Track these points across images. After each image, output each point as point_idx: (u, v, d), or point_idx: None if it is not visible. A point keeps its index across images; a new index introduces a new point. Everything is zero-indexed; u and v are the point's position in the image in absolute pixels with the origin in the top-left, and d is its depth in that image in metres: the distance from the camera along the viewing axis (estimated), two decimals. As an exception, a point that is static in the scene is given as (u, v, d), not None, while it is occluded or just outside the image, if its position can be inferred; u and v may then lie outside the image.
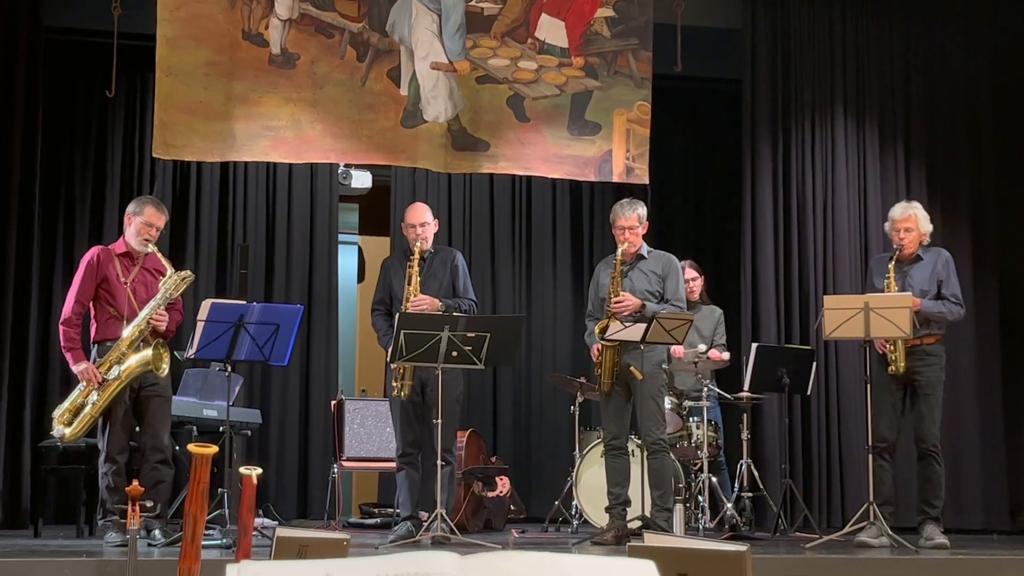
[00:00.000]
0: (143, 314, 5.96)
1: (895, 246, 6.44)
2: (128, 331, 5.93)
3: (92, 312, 6.07)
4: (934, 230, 6.68)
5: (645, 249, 6.40)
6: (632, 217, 6.30)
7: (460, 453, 7.02)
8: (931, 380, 6.33)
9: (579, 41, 8.01)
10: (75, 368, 5.95)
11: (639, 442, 6.38)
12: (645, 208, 6.41)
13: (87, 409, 5.90)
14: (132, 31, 7.62)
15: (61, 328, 6.02)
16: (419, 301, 6.23)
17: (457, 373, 6.22)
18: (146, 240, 6.05)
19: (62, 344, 6.03)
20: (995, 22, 8.71)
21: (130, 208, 6.18)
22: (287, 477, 8.55)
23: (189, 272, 6.19)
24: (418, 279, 6.31)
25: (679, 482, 6.82)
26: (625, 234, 6.28)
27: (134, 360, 5.91)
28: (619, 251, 6.29)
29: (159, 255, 6.08)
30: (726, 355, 7.48)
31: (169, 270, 6.05)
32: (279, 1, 7.57)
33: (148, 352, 5.92)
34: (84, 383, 5.92)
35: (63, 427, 5.91)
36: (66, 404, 5.96)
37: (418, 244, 6.35)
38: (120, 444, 5.96)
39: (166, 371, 6.02)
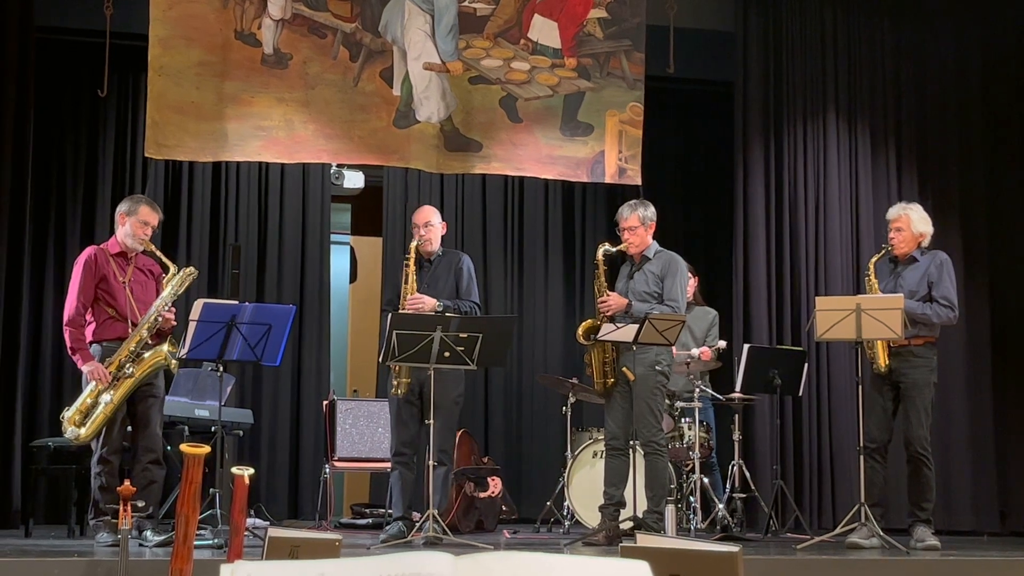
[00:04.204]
0: (152, 311, 5.96)
1: (888, 245, 6.46)
2: (139, 329, 5.93)
3: (90, 313, 6.03)
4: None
5: (652, 250, 6.36)
6: (631, 218, 6.29)
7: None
8: (916, 382, 6.28)
9: (572, 42, 8.01)
10: (84, 368, 5.90)
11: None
12: (650, 209, 6.37)
13: (100, 408, 5.85)
14: (124, 31, 7.62)
15: (67, 330, 5.96)
16: (416, 300, 6.22)
17: (459, 374, 6.19)
18: (143, 239, 6.05)
19: (69, 345, 5.97)
20: (985, 25, 8.73)
21: (123, 207, 6.15)
22: (279, 477, 8.54)
23: (193, 268, 6.19)
24: (414, 279, 6.29)
25: (671, 483, 6.81)
26: (625, 234, 6.30)
27: (146, 356, 5.92)
28: (600, 251, 6.30)
29: (159, 253, 6.10)
30: (717, 345, 7.45)
31: (172, 267, 6.06)
32: (272, 1, 7.56)
33: (164, 347, 5.95)
34: (93, 383, 5.88)
35: (76, 428, 5.85)
36: (76, 405, 5.89)
37: (415, 243, 6.33)
38: (114, 444, 5.94)
39: (176, 365, 6.06)
